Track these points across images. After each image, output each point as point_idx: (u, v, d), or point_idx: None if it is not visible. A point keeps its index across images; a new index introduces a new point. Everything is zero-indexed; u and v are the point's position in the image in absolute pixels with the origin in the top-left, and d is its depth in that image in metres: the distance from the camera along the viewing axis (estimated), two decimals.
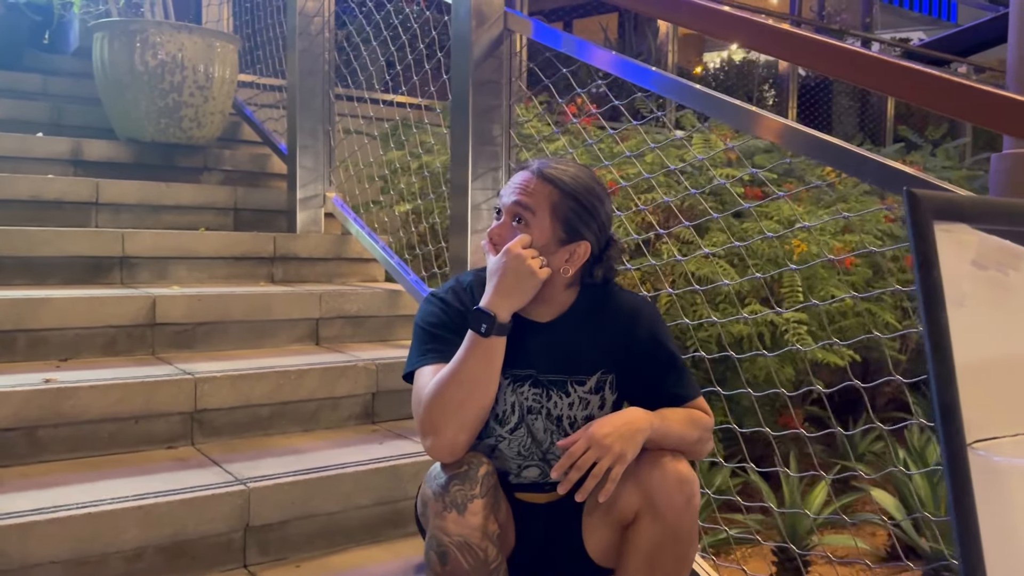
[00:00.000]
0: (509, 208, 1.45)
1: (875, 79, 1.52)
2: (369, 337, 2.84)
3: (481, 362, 1.37)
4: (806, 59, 1.58)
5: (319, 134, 3.34)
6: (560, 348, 1.48)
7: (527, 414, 1.49)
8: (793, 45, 1.69)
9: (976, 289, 0.74)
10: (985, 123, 1.33)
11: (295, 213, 3.33)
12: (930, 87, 1.30)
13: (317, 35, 3.29)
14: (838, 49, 1.49)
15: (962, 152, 6.44)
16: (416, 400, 1.41)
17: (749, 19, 1.76)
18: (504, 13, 2.34)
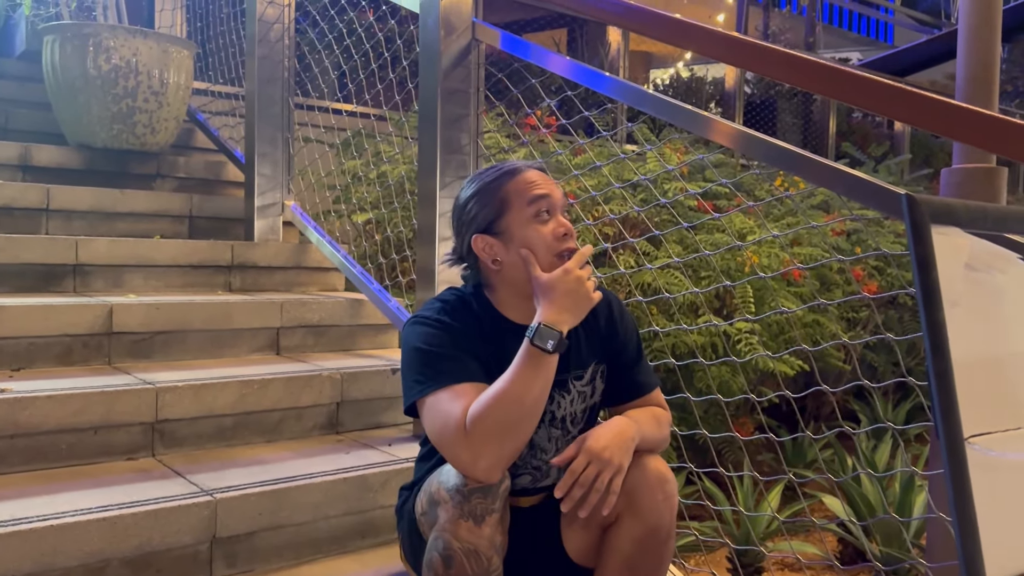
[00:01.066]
0: (559, 203, 1.45)
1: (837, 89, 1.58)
2: (331, 347, 2.81)
3: (542, 380, 1.31)
4: (781, 73, 1.62)
5: (278, 142, 3.30)
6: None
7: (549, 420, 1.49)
8: (765, 58, 1.74)
9: (969, 290, 0.77)
10: (941, 131, 1.38)
11: (253, 221, 3.28)
12: (902, 100, 1.35)
13: (277, 42, 3.26)
14: (814, 64, 1.54)
15: (902, 168, 6.65)
16: (445, 424, 1.31)
17: (702, 27, 1.81)
18: (472, 23, 2.35)
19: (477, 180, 1.50)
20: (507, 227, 1.43)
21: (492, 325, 1.46)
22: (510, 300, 1.48)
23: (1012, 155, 1.27)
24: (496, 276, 1.47)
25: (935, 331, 0.73)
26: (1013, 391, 0.80)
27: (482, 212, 1.45)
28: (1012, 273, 0.82)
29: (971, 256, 0.79)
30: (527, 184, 1.44)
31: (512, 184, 1.44)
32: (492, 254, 1.45)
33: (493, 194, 1.45)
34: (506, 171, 1.47)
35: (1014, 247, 0.89)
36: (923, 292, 0.73)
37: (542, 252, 1.41)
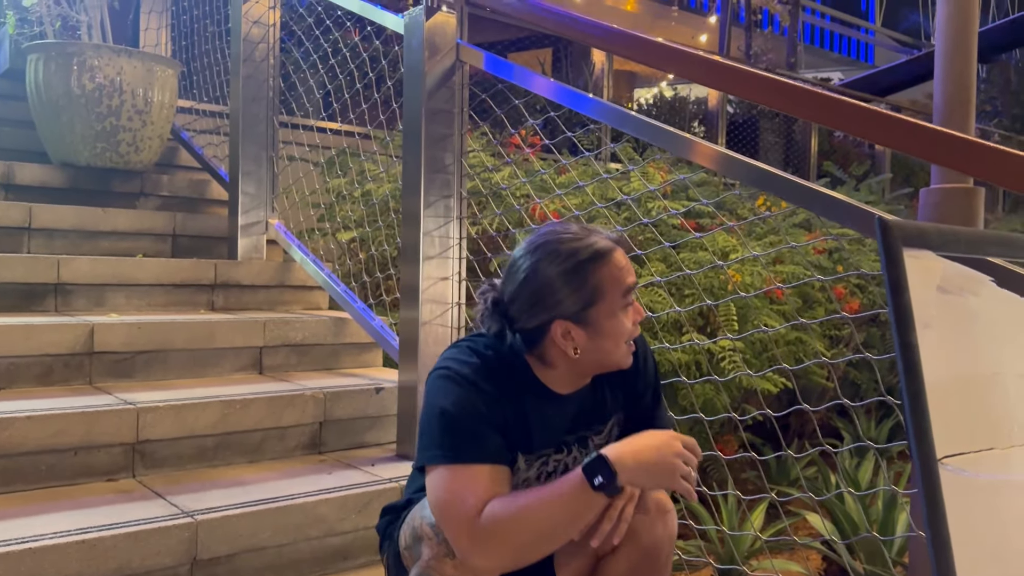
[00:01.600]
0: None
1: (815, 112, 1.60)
2: (314, 366, 2.81)
3: (583, 514, 1.23)
4: (752, 94, 1.65)
5: (263, 160, 3.30)
6: (584, 411, 1.44)
7: (544, 478, 1.43)
8: (739, 80, 1.76)
9: (942, 312, 0.79)
10: (918, 154, 1.40)
11: (236, 240, 3.27)
12: (878, 123, 1.37)
13: (261, 62, 3.27)
14: (790, 87, 1.56)
15: (883, 187, 6.73)
16: (453, 504, 1.24)
17: (684, 51, 1.84)
18: (456, 44, 2.37)
19: (561, 256, 1.32)
20: (596, 318, 1.32)
21: (532, 391, 1.38)
22: (563, 377, 1.39)
23: (986, 177, 1.30)
24: (562, 360, 1.36)
25: (908, 353, 0.74)
26: (986, 411, 0.81)
27: (571, 298, 1.31)
28: (984, 295, 0.84)
29: (944, 279, 0.80)
30: (620, 271, 1.33)
31: (607, 270, 1.32)
32: (572, 343, 1.33)
33: (586, 280, 1.31)
34: (599, 252, 1.32)
35: (987, 269, 0.91)
36: (896, 314, 0.74)
37: (619, 345, 1.35)
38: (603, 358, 1.36)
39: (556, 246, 1.33)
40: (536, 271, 1.33)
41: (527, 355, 1.38)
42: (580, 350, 1.33)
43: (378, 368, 2.92)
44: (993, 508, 0.79)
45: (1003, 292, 0.86)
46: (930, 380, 0.75)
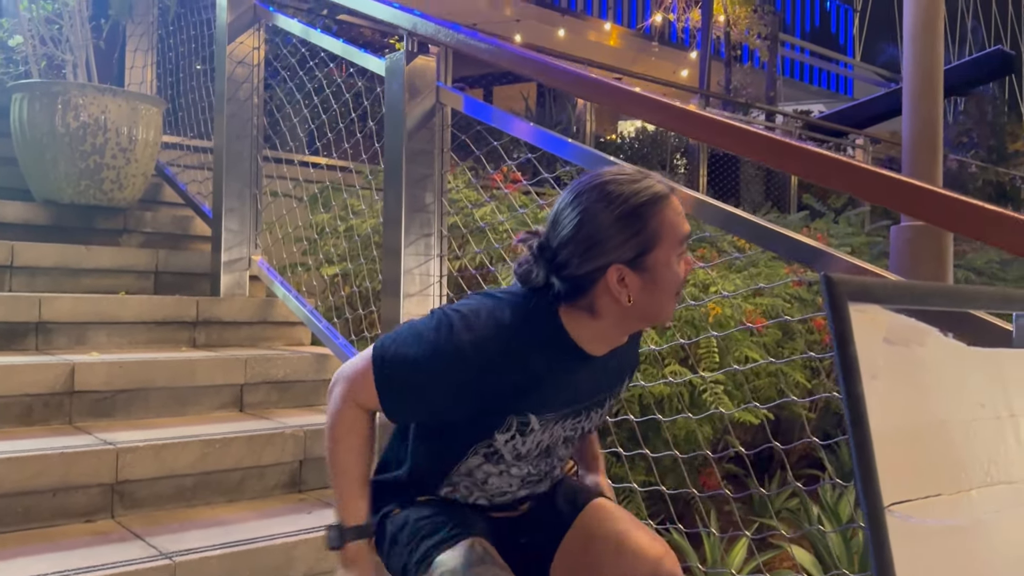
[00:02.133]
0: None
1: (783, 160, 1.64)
2: (296, 402, 2.81)
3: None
4: (708, 137, 1.69)
5: (246, 197, 3.33)
6: (608, 372, 1.42)
7: (555, 444, 1.42)
8: (700, 125, 1.81)
9: (889, 363, 0.82)
10: (879, 202, 1.45)
11: (219, 276, 3.29)
12: (832, 168, 1.42)
13: (246, 100, 3.31)
14: (751, 134, 1.61)
15: (862, 220, 6.82)
16: (352, 396, 1.33)
17: (653, 98, 1.88)
18: (436, 88, 2.42)
19: (619, 199, 1.25)
20: (652, 265, 1.25)
21: (561, 352, 1.31)
22: (604, 333, 1.32)
23: (947, 226, 1.34)
24: (611, 309, 1.28)
25: (854, 404, 0.77)
26: (932, 458, 0.84)
27: (630, 242, 1.24)
28: (931, 345, 0.87)
29: (890, 331, 0.84)
30: (677, 216, 1.27)
31: (665, 215, 1.26)
32: (626, 290, 1.26)
33: (645, 222, 1.25)
34: (658, 195, 1.26)
35: (935, 318, 0.95)
36: (842, 367, 0.78)
37: (672, 296, 1.29)
38: (653, 309, 1.29)
39: (612, 187, 1.26)
40: (591, 214, 1.25)
41: (565, 308, 1.29)
42: (633, 298, 1.26)
43: None
44: (941, 553, 0.82)
45: (948, 341, 0.89)
46: (877, 429, 0.78)
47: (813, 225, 5.92)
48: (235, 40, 3.28)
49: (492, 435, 1.33)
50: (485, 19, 10.99)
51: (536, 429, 1.35)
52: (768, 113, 9.84)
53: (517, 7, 10.98)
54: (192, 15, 4.20)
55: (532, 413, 1.33)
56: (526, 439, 1.35)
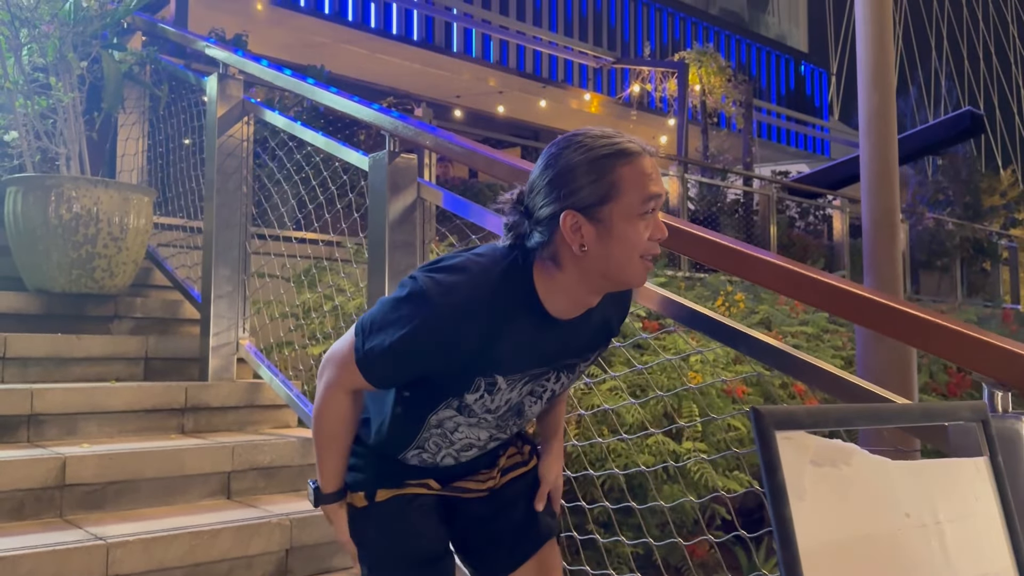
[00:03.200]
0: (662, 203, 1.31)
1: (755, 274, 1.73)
2: (283, 487, 2.86)
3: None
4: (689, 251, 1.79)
5: (235, 282, 3.43)
6: (579, 337, 1.43)
7: (523, 403, 1.47)
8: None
9: (815, 484, 0.91)
10: (839, 314, 1.54)
11: (207, 360, 3.36)
12: (786, 278, 1.52)
13: (235, 191, 3.43)
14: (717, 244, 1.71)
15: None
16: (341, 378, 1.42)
17: None
18: (417, 184, 2.54)
19: (585, 148, 1.27)
20: (609, 216, 1.25)
21: (528, 312, 1.33)
22: (570, 291, 1.33)
23: (900, 338, 1.43)
24: (571, 261, 1.29)
25: (782, 526, 0.85)
26: (860, 571, 0.93)
27: (586, 189, 1.25)
28: (855, 463, 0.96)
29: (816, 454, 0.93)
30: (644, 175, 1.26)
31: (629, 170, 1.25)
32: (580, 239, 1.26)
33: (605, 173, 1.25)
34: (623, 150, 1.26)
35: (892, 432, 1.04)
36: (770, 492, 0.86)
37: (631, 256, 1.27)
38: (612, 268, 1.28)
39: (583, 138, 1.28)
40: (558, 158, 1.28)
41: (537, 264, 1.32)
42: (587, 248, 1.26)
43: None
44: None
45: (872, 458, 0.98)
46: (806, 547, 0.87)
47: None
48: (224, 133, 3.41)
49: (462, 395, 1.40)
50: (468, 90, 11.31)
51: (503, 389, 1.39)
52: (746, 178, 10.09)
53: (500, 79, 11.31)
54: (183, 100, 4.36)
55: (499, 375, 1.37)
56: (494, 397, 1.40)
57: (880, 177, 2.83)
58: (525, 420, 1.55)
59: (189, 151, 4.12)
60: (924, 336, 1.28)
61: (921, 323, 1.28)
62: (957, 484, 1.10)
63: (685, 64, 10.10)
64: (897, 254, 2.74)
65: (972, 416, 1.13)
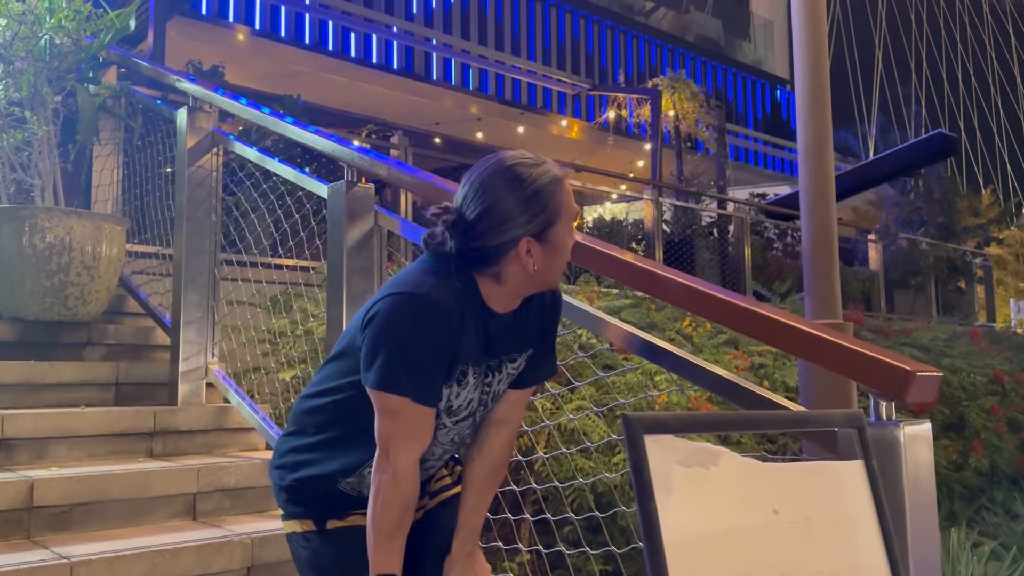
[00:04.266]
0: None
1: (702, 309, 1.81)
2: (247, 509, 2.93)
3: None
4: (612, 273, 1.90)
5: (204, 308, 3.51)
6: (513, 332, 1.58)
7: (477, 407, 1.60)
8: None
9: (681, 482, 1.01)
10: (740, 331, 1.64)
11: (177, 385, 3.43)
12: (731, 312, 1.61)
13: (204, 219, 3.53)
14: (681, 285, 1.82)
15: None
16: (403, 448, 1.47)
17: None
18: (375, 212, 2.65)
19: (524, 180, 1.47)
20: (555, 237, 1.47)
21: (479, 308, 1.51)
22: (505, 295, 1.53)
23: (794, 353, 1.54)
24: (516, 277, 1.50)
25: (646, 519, 0.96)
26: (723, 561, 1.03)
27: (538, 218, 1.46)
28: (721, 463, 1.07)
29: (685, 456, 1.03)
30: (569, 196, 1.50)
31: (563, 194, 1.48)
32: (534, 260, 1.47)
33: (548, 201, 1.46)
34: (555, 178, 1.48)
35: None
36: (636, 488, 0.97)
37: (565, 261, 1.51)
38: (549, 276, 1.50)
39: (520, 170, 1.47)
40: (503, 194, 1.46)
41: (476, 272, 1.50)
42: (537, 266, 1.47)
43: None
44: None
45: (741, 460, 1.09)
46: (671, 539, 0.97)
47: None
48: (194, 164, 3.52)
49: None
50: (447, 118, 11.49)
51: (470, 382, 1.54)
52: (720, 201, 10.28)
53: (479, 106, 11.50)
54: (157, 131, 4.46)
55: (470, 363, 1.51)
56: (462, 391, 1.53)
57: (818, 199, 2.96)
58: (471, 432, 1.66)
59: (164, 180, 4.21)
60: (815, 351, 1.39)
61: (812, 339, 1.39)
62: (833, 485, 1.20)
63: (658, 91, 10.33)
64: (835, 274, 2.86)
65: (848, 423, 1.24)
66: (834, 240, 2.93)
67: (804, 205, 2.94)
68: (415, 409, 1.46)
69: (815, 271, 2.84)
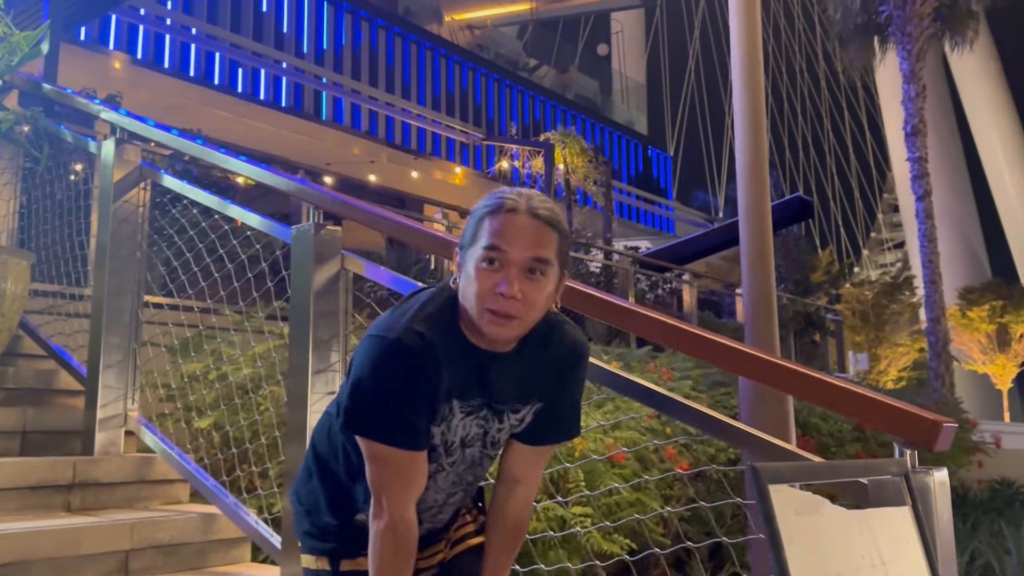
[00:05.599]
0: (524, 263, 1.39)
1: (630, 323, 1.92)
2: (181, 566, 2.75)
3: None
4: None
5: (125, 351, 3.30)
6: (514, 377, 1.52)
7: (469, 442, 1.54)
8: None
9: (799, 531, 1.06)
10: (813, 401, 1.73)
11: (94, 434, 3.19)
12: (683, 337, 1.70)
13: (129, 257, 3.33)
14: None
15: None
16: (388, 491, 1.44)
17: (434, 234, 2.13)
18: (341, 255, 2.60)
19: (486, 199, 1.47)
20: (466, 258, 1.43)
21: (465, 348, 1.47)
22: (466, 319, 1.47)
23: (821, 404, 1.63)
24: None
25: (781, 567, 1.00)
26: None
27: (467, 233, 1.45)
28: (825, 512, 1.13)
29: (798, 505, 1.09)
30: (496, 230, 1.40)
31: (489, 221, 1.41)
32: (456, 276, 1.47)
33: (474, 224, 1.44)
34: (497, 207, 1.42)
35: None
36: (769, 538, 1.01)
37: (475, 299, 1.41)
38: (467, 305, 1.43)
39: (494, 193, 1.47)
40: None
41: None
42: (457, 282, 1.46)
43: (247, 564, 2.90)
44: None
45: (836, 508, 1.15)
46: None
47: (658, 359, 6.42)
48: (120, 198, 3.33)
49: (429, 430, 1.48)
50: (338, 158, 11.36)
51: (457, 415, 1.49)
52: (606, 252, 10.64)
53: (370, 148, 11.44)
54: (65, 162, 4.20)
55: (454, 398, 1.47)
56: (451, 425, 1.49)
57: (758, 261, 3.14)
58: (475, 480, 1.63)
59: (76, 214, 3.95)
60: (846, 403, 1.49)
61: (843, 392, 1.49)
62: (891, 530, 1.29)
63: (551, 144, 10.65)
64: (775, 329, 3.04)
65: (898, 471, 1.34)
66: (773, 300, 3.12)
67: (746, 267, 3.11)
68: (392, 452, 1.42)
69: (757, 328, 3.00)
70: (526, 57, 15.42)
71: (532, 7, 15.05)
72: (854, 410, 1.49)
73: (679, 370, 6.20)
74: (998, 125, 38.61)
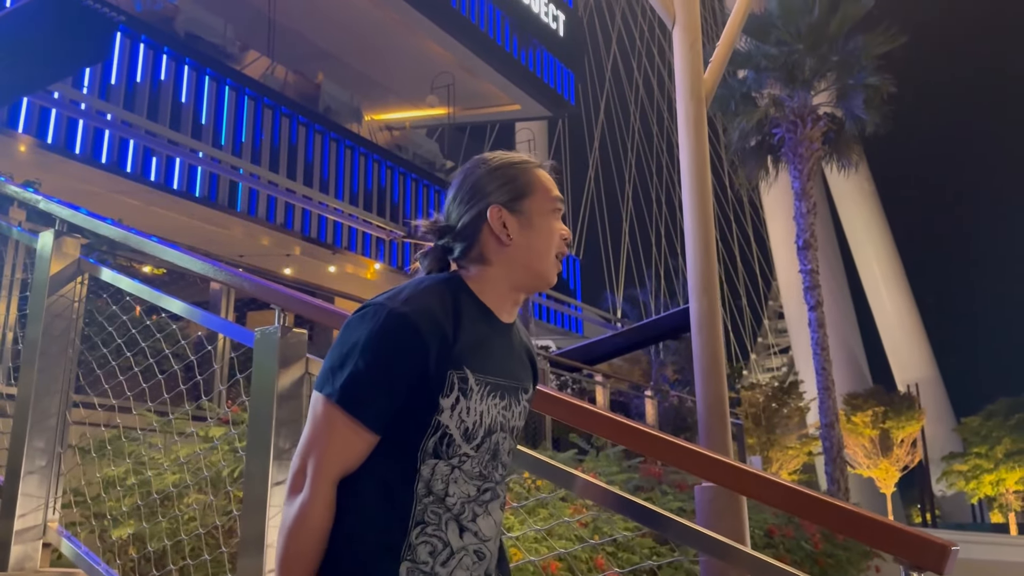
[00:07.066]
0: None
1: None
2: None
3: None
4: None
5: (50, 456, 3.06)
6: (515, 352, 1.47)
7: (495, 428, 1.42)
8: None
9: None
10: (678, 466, 1.77)
11: (9, 547, 2.91)
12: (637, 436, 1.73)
13: (60, 355, 3.14)
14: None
15: (620, 455, 7.46)
16: (326, 464, 1.32)
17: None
18: (307, 358, 2.52)
19: (496, 159, 1.47)
20: (528, 209, 1.43)
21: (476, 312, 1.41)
22: (496, 287, 1.44)
23: (830, 527, 1.67)
24: (498, 255, 1.43)
25: None
26: None
27: (506, 187, 1.43)
28: None
29: None
30: (547, 181, 1.47)
31: (538, 174, 1.46)
32: (506, 230, 1.41)
33: (519, 175, 1.44)
34: (530, 161, 1.48)
35: None
36: None
37: (549, 247, 1.43)
38: (533, 258, 1.41)
39: (487, 157, 1.47)
40: (471, 172, 1.46)
41: (466, 272, 1.44)
42: (512, 237, 1.41)
43: None
44: None
45: None
46: None
47: (584, 463, 6.42)
48: (56, 293, 3.16)
49: (437, 405, 1.35)
50: (250, 250, 11.14)
51: (475, 389, 1.37)
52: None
53: (284, 241, 11.29)
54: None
55: (468, 368, 1.37)
56: (469, 404, 1.37)
57: (710, 370, 3.23)
58: (501, 476, 1.48)
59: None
60: (859, 528, 1.53)
61: (857, 517, 1.53)
62: None
63: None
64: (727, 436, 3.11)
65: None
66: (726, 409, 3.20)
67: (699, 375, 3.19)
68: (345, 420, 1.33)
69: (711, 434, 3.06)
70: (443, 158, 15.74)
71: (449, 111, 15.48)
72: (861, 533, 1.53)
73: (604, 474, 6.21)
74: (873, 240, 41.66)
